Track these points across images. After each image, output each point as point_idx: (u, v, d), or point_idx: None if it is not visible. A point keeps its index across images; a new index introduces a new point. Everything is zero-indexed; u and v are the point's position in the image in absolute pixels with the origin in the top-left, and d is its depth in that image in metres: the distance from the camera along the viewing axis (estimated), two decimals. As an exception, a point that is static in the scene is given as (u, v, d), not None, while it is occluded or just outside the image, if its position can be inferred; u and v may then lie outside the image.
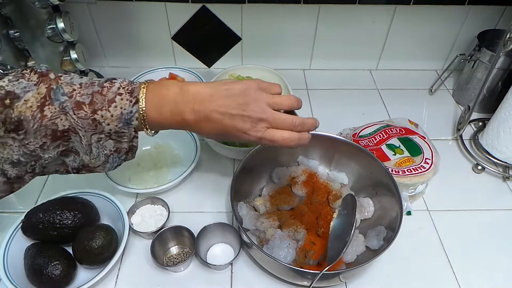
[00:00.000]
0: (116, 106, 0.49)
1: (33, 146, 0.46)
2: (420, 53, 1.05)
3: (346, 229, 0.59)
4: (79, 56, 0.80)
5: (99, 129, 0.49)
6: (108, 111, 0.48)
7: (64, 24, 0.73)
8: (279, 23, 0.96)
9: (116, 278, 0.64)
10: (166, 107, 0.51)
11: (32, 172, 0.50)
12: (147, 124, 0.51)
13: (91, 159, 0.51)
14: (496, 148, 0.81)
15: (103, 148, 0.51)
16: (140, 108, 0.50)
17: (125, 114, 0.49)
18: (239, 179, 0.67)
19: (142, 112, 0.50)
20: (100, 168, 0.53)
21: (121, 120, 0.49)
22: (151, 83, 0.52)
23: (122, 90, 0.50)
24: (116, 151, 0.52)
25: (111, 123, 0.49)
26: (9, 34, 0.74)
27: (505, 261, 0.68)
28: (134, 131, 0.51)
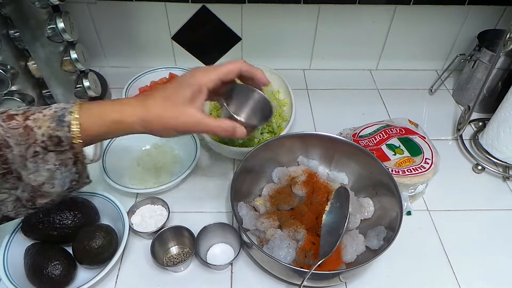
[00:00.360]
0: (51, 109, 0.48)
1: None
2: (420, 53, 1.05)
3: (340, 222, 0.59)
4: (79, 56, 0.80)
5: (31, 137, 0.47)
6: (41, 113, 0.47)
7: (64, 24, 0.73)
8: (279, 23, 0.96)
9: (116, 278, 0.64)
10: (105, 102, 0.51)
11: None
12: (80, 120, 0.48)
13: (28, 174, 0.48)
14: (496, 148, 0.81)
15: (44, 162, 0.48)
16: (75, 104, 0.48)
17: (59, 110, 0.48)
18: (239, 179, 0.67)
19: (76, 107, 0.48)
20: (48, 186, 0.50)
21: (53, 118, 0.47)
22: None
23: (60, 104, 0.49)
24: (61, 165, 0.49)
25: (42, 124, 0.47)
26: (9, 34, 0.74)
27: (505, 261, 0.68)
28: (68, 130, 0.47)
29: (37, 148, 0.47)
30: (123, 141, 0.80)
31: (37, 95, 0.83)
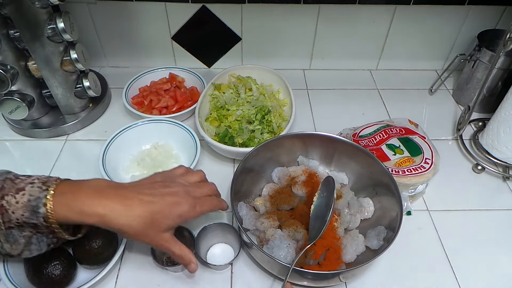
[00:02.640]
0: (25, 194, 0.46)
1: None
2: (420, 53, 1.05)
3: (326, 210, 0.60)
4: (79, 56, 0.80)
5: (6, 217, 0.46)
6: (14, 198, 0.46)
7: (64, 24, 0.73)
8: (279, 23, 0.96)
9: (116, 278, 0.64)
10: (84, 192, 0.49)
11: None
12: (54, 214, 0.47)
13: (11, 246, 0.48)
14: (496, 148, 0.81)
15: (19, 231, 0.48)
16: (49, 193, 0.47)
17: (32, 200, 0.46)
18: (239, 179, 0.67)
19: (50, 198, 0.46)
20: (26, 253, 0.50)
21: (27, 208, 0.46)
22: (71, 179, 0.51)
23: (36, 180, 0.48)
24: (38, 232, 0.49)
25: (16, 211, 0.46)
26: (9, 34, 0.74)
27: (505, 261, 0.68)
28: (43, 220, 0.46)
29: (12, 224, 0.47)
30: (123, 141, 0.80)
31: (37, 95, 0.84)
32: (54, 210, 0.47)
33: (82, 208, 0.48)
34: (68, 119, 0.87)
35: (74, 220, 0.48)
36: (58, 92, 0.83)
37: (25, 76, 0.79)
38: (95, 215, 0.48)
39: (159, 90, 0.93)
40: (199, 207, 0.56)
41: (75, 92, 0.86)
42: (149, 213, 0.51)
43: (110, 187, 0.52)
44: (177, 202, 0.53)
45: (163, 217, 0.52)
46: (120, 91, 0.92)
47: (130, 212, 0.49)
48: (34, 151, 0.84)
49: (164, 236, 0.53)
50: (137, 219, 0.50)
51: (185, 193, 0.55)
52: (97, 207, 0.48)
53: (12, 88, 0.77)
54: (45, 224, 0.47)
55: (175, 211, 0.53)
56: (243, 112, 0.84)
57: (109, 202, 0.49)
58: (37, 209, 0.46)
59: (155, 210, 0.51)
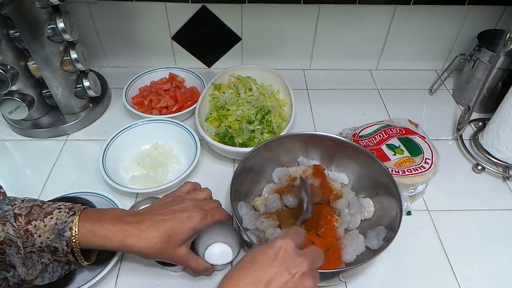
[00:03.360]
0: (52, 218, 0.49)
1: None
2: (420, 53, 1.05)
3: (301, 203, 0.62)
4: (79, 56, 0.80)
5: (30, 241, 0.48)
6: (43, 222, 0.49)
7: (64, 24, 0.73)
8: (279, 23, 0.96)
9: (116, 278, 0.64)
10: (107, 218, 0.52)
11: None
12: (79, 237, 0.50)
13: (28, 270, 0.49)
14: (496, 148, 0.81)
15: (39, 257, 0.50)
16: (75, 218, 0.50)
17: (59, 224, 0.49)
18: (239, 179, 0.67)
19: (76, 222, 0.50)
20: (39, 279, 0.51)
21: (53, 231, 0.49)
22: (90, 209, 0.54)
23: (63, 206, 0.51)
24: (55, 261, 0.52)
25: (42, 234, 0.48)
26: (9, 34, 0.74)
27: (505, 261, 0.68)
28: (66, 245, 0.49)
29: (34, 249, 0.49)
30: (123, 141, 0.80)
31: (37, 95, 0.84)
32: (79, 235, 0.50)
33: (105, 234, 0.51)
34: (68, 119, 0.87)
35: (97, 245, 0.52)
36: (58, 92, 0.83)
37: (25, 76, 0.79)
38: (117, 241, 0.52)
39: (159, 90, 0.93)
40: (210, 218, 0.58)
41: (75, 92, 0.86)
42: (163, 231, 0.53)
43: (128, 214, 0.55)
44: (188, 216, 0.56)
45: (177, 233, 0.54)
46: (120, 91, 0.92)
47: (146, 234, 0.53)
48: (34, 151, 0.84)
49: (180, 251, 0.56)
50: (153, 240, 0.53)
51: (194, 206, 0.58)
52: (118, 233, 0.52)
53: (12, 88, 0.77)
54: (66, 250, 0.50)
55: (187, 224, 0.55)
56: (243, 112, 0.84)
57: (128, 227, 0.53)
58: (63, 233, 0.49)
59: (168, 228, 0.54)
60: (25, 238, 0.48)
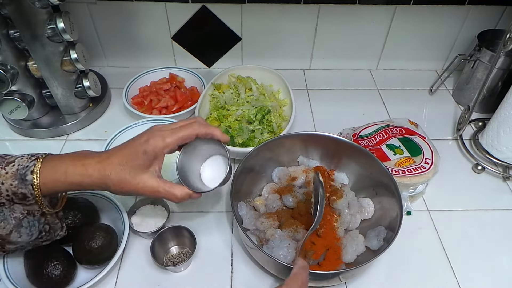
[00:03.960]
0: (14, 165, 0.49)
1: None
2: (420, 53, 1.05)
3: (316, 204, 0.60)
4: (79, 56, 0.80)
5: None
6: (4, 170, 0.48)
7: (64, 24, 0.73)
8: (279, 23, 0.96)
9: (116, 278, 0.64)
10: (66, 157, 0.52)
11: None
12: (41, 179, 0.49)
13: (0, 223, 0.49)
14: (496, 148, 0.81)
15: (11, 211, 0.50)
16: (38, 162, 0.49)
17: (20, 169, 0.49)
18: (239, 179, 0.67)
19: (38, 166, 0.49)
20: (15, 234, 0.51)
21: (16, 177, 0.48)
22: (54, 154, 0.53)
23: (26, 155, 0.51)
24: (28, 214, 0.51)
25: (5, 181, 0.48)
26: (9, 34, 0.74)
27: (505, 261, 0.68)
28: (32, 189, 0.49)
29: (2, 200, 0.49)
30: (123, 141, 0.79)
31: (37, 95, 0.84)
32: (41, 175, 0.49)
33: (66, 169, 0.51)
34: (68, 119, 0.87)
35: (60, 184, 0.51)
36: (58, 92, 0.83)
37: (25, 76, 0.79)
38: (77, 174, 0.51)
39: (159, 90, 0.93)
40: (170, 137, 0.54)
41: (75, 92, 0.86)
42: (116, 158, 0.52)
43: (92, 152, 0.54)
44: (143, 141, 0.53)
45: (131, 159, 0.52)
46: (120, 91, 0.92)
47: (103, 163, 0.52)
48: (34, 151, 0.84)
49: (143, 179, 0.53)
50: (108, 167, 0.52)
51: (156, 130, 0.55)
52: (78, 166, 0.51)
53: (12, 88, 0.77)
54: (34, 194, 0.49)
55: (140, 148, 0.53)
56: (243, 112, 0.84)
57: (87, 159, 0.52)
58: (25, 177, 0.48)
59: (122, 154, 0.53)
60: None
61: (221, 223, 0.72)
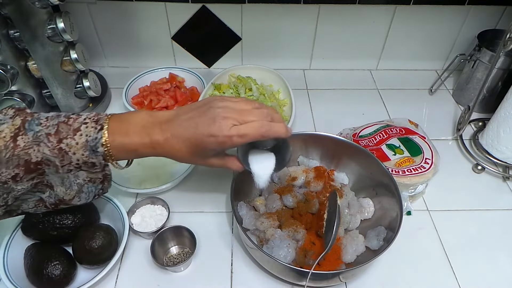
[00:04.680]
0: (82, 134, 0.49)
1: (4, 177, 0.46)
2: (420, 53, 1.05)
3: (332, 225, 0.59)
4: (79, 56, 0.80)
5: (66, 159, 0.49)
6: (73, 139, 0.49)
7: (64, 24, 0.73)
8: (279, 23, 0.96)
9: (116, 278, 0.64)
10: (133, 131, 0.51)
11: (4, 205, 0.49)
12: (112, 151, 0.50)
13: (66, 189, 0.51)
14: (496, 148, 0.81)
15: (75, 177, 0.51)
16: (105, 133, 0.49)
17: (90, 141, 0.49)
18: (239, 179, 0.67)
19: (106, 138, 0.49)
20: (76, 199, 0.53)
21: (86, 148, 0.49)
22: (117, 114, 0.53)
23: (88, 119, 0.50)
24: (90, 181, 0.52)
25: (77, 152, 0.49)
26: (9, 34, 0.74)
27: (505, 261, 0.68)
28: (103, 159, 0.50)
29: (71, 167, 0.50)
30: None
31: (37, 95, 0.84)
32: (111, 149, 0.50)
33: (135, 148, 0.51)
34: (68, 119, 0.87)
35: (130, 156, 0.54)
36: (58, 92, 0.83)
37: (25, 76, 0.79)
38: (148, 153, 0.52)
39: (159, 90, 0.93)
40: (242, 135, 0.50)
41: (75, 92, 0.86)
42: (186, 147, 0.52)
43: (155, 125, 0.52)
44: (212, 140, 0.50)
45: (200, 150, 0.52)
46: (120, 91, 0.92)
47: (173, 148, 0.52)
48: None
49: (211, 160, 0.55)
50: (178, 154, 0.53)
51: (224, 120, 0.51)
52: (149, 149, 0.52)
53: (12, 88, 0.77)
54: (103, 163, 0.51)
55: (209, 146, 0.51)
56: (243, 112, 0.84)
57: (157, 137, 0.51)
58: (96, 149, 0.49)
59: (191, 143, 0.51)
60: (61, 156, 0.48)
61: (221, 223, 0.72)
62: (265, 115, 0.52)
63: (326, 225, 0.63)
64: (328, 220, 0.63)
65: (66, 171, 0.50)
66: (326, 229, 0.63)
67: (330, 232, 0.59)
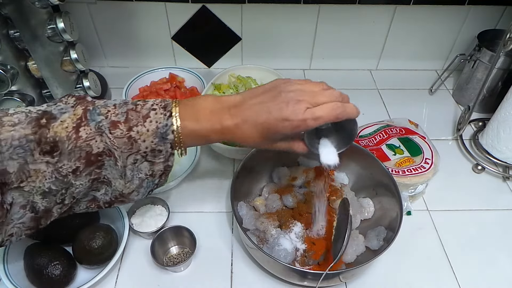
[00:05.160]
0: (151, 121, 0.48)
1: (66, 170, 0.46)
2: (420, 53, 1.05)
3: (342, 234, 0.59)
4: (79, 56, 0.80)
5: (135, 147, 0.48)
6: (144, 126, 0.48)
7: (64, 24, 0.73)
8: (279, 23, 0.96)
9: (116, 278, 0.64)
10: (203, 117, 0.50)
11: (61, 203, 0.48)
12: (183, 138, 0.49)
13: (125, 183, 0.49)
14: (496, 148, 0.81)
15: (138, 171, 0.50)
16: (175, 120, 0.49)
17: (161, 127, 0.48)
18: (239, 179, 0.67)
19: (177, 124, 0.49)
20: (134, 194, 0.52)
21: (156, 134, 0.48)
22: (183, 100, 0.52)
23: (156, 106, 0.50)
24: (151, 175, 0.51)
25: (147, 139, 0.48)
26: (9, 34, 0.74)
27: (505, 261, 0.68)
28: (170, 147, 0.49)
29: (138, 156, 0.49)
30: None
31: (37, 95, 0.83)
32: (182, 136, 0.49)
33: (207, 136, 0.51)
34: (68, 119, 0.87)
35: (199, 144, 0.53)
36: (58, 92, 0.83)
37: (25, 76, 0.79)
38: (218, 139, 0.52)
39: (159, 90, 0.93)
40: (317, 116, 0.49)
41: (75, 92, 0.86)
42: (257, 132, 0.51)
43: (224, 111, 0.51)
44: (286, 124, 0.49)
45: (271, 133, 0.51)
46: (120, 91, 0.92)
47: (243, 134, 0.51)
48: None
49: (279, 144, 0.53)
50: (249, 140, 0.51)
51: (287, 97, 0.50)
52: (219, 134, 0.51)
53: (12, 88, 0.77)
54: (170, 152, 0.50)
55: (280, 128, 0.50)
56: (243, 112, 0.84)
57: (225, 130, 0.51)
58: (166, 136, 0.48)
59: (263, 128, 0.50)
60: (130, 145, 0.47)
61: (221, 223, 0.72)
62: (337, 96, 0.52)
63: (335, 233, 0.63)
64: (338, 228, 0.63)
65: (132, 162, 0.49)
66: (335, 237, 0.63)
67: (339, 241, 0.59)
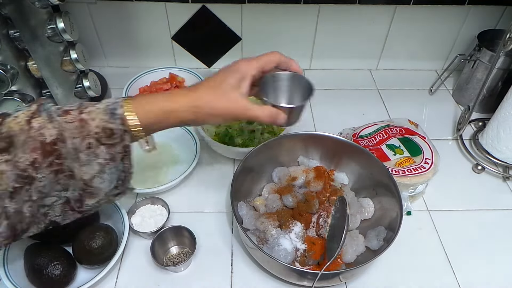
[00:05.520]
0: (102, 103, 0.50)
1: (23, 164, 0.46)
2: (420, 53, 1.05)
3: (338, 232, 0.59)
4: (79, 56, 0.80)
5: (86, 129, 0.48)
6: (94, 106, 0.49)
7: (64, 24, 0.73)
8: (279, 23, 0.96)
9: (116, 278, 0.64)
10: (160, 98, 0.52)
11: (29, 200, 0.48)
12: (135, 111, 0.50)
13: (81, 166, 0.49)
14: (496, 148, 0.81)
15: (95, 156, 0.50)
16: (125, 100, 0.50)
17: (110, 104, 0.49)
18: (239, 179, 0.67)
19: (127, 102, 0.50)
20: (97, 180, 0.51)
21: (106, 111, 0.49)
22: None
23: (110, 99, 0.51)
24: (111, 159, 0.51)
25: (96, 116, 0.48)
26: (9, 34, 0.74)
27: (505, 261, 0.68)
28: (121, 123, 0.49)
29: (91, 139, 0.49)
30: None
31: (37, 95, 0.83)
32: (133, 110, 0.50)
33: (155, 99, 0.52)
34: (68, 119, 0.87)
35: (151, 113, 0.52)
36: (58, 92, 0.83)
37: (25, 76, 0.79)
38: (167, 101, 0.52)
39: (159, 90, 0.93)
40: (256, 59, 0.58)
41: (75, 92, 0.86)
42: (209, 82, 0.55)
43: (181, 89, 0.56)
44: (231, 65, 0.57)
45: (222, 80, 0.54)
46: (120, 91, 0.92)
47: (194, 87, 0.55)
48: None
49: (235, 95, 0.54)
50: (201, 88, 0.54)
51: (237, 60, 0.58)
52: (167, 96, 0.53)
53: (12, 88, 0.77)
54: (121, 129, 0.49)
55: (229, 70, 0.56)
56: (243, 112, 0.84)
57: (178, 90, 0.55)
58: (115, 111, 0.49)
59: (214, 78, 0.55)
60: (81, 128, 0.48)
61: (221, 223, 0.72)
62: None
63: (330, 230, 0.63)
64: (333, 226, 0.63)
65: (85, 146, 0.49)
66: (329, 235, 0.63)
67: (335, 239, 0.59)
